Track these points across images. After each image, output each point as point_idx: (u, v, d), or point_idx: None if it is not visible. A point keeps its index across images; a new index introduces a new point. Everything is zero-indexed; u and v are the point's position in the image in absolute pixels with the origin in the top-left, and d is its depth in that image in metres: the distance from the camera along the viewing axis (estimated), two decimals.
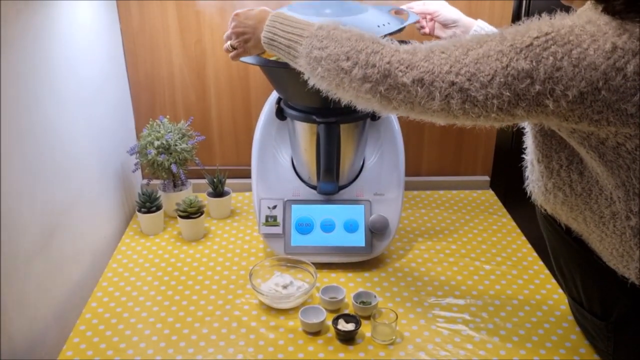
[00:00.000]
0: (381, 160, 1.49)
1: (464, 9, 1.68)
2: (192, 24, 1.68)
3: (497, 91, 0.85)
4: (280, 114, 1.41)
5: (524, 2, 1.69)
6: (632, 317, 1.01)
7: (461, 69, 0.87)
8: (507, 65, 0.84)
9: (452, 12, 1.39)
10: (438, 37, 1.42)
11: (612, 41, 0.80)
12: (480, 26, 1.36)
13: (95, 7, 1.50)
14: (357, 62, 0.94)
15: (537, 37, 0.83)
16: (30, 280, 1.13)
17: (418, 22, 1.41)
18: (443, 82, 0.88)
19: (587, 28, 0.82)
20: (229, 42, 1.20)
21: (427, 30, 1.43)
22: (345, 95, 0.99)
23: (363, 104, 0.99)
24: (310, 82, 1.03)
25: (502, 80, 0.84)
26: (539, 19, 0.87)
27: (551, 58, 0.82)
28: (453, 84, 0.87)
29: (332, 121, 1.30)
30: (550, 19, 0.86)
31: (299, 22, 1.04)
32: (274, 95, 1.50)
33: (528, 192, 1.09)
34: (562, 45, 0.82)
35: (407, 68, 0.90)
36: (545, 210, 1.06)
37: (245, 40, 1.16)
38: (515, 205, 1.76)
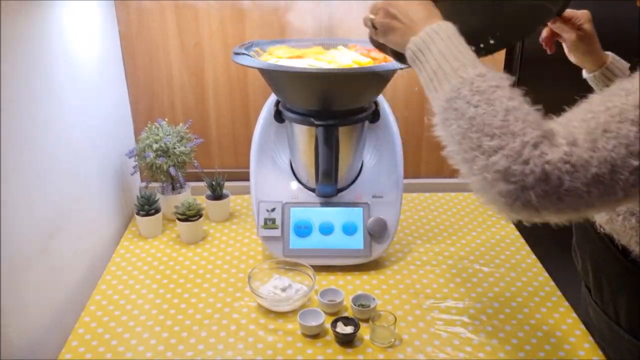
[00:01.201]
0: (380, 163, 1.49)
1: None
2: (190, 26, 1.68)
3: None
4: (278, 116, 1.41)
5: None
6: None
7: None
8: None
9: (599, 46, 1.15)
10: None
11: None
12: (615, 57, 1.16)
13: (93, 10, 1.50)
14: (503, 147, 0.71)
15: None
16: (29, 284, 1.13)
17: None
18: (625, 170, 0.68)
19: None
20: (371, 16, 0.95)
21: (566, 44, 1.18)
22: (463, 168, 0.78)
23: (482, 195, 0.76)
24: (436, 125, 0.82)
25: None
26: None
27: None
28: (637, 168, 0.68)
29: (331, 124, 1.30)
30: None
31: (463, 50, 0.82)
32: (273, 98, 1.50)
33: None
34: None
35: (575, 168, 0.68)
36: (602, 229, 1.01)
37: (390, 28, 0.91)
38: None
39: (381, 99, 1.50)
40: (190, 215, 1.54)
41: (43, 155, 1.19)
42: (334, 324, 1.20)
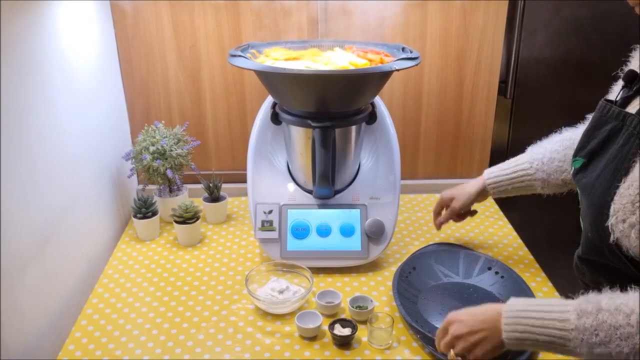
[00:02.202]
0: (377, 164, 1.49)
1: (459, 11, 1.69)
2: (186, 28, 1.68)
3: None
4: (275, 118, 1.41)
5: (519, 3, 1.70)
6: None
7: None
8: None
9: (463, 199, 1.42)
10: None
11: None
12: (486, 172, 1.39)
13: (89, 13, 1.49)
14: None
15: None
16: (25, 287, 1.12)
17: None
18: None
19: None
20: (452, 353, 1.00)
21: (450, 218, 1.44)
22: None
23: None
24: None
25: None
26: None
27: None
28: None
29: (327, 125, 1.30)
30: None
31: (543, 306, 0.90)
32: (269, 99, 1.50)
33: (610, 227, 0.93)
34: None
35: None
36: (628, 252, 0.95)
37: (480, 350, 0.95)
38: (511, 208, 1.76)
39: (378, 100, 1.50)
40: (188, 217, 1.54)
41: (39, 158, 1.19)
42: (331, 326, 1.20)
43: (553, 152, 1.27)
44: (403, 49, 1.42)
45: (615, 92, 1.04)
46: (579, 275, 1.14)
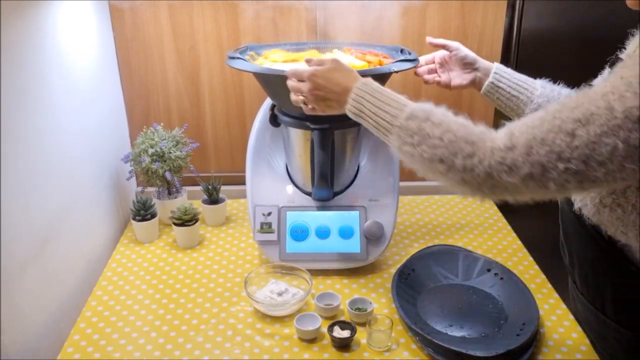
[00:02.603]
0: (375, 166, 1.48)
1: (457, 11, 1.69)
2: (185, 30, 1.68)
3: (618, 166, 0.78)
4: (274, 120, 1.41)
5: (517, 4, 1.70)
6: None
7: (573, 154, 0.80)
8: (626, 139, 0.77)
9: (470, 51, 1.33)
10: (454, 88, 1.34)
11: None
12: (499, 67, 1.29)
13: (87, 15, 1.49)
14: (452, 166, 0.89)
15: None
16: (23, 289, 1.12)
17: (418, 67, 1.37)
18: (555, 171, 0.81)
19: None
20: (303, 100, 1.12)
21: (440, 79, 1.35)
22: (430, 178, 0.96)
23: (461, 194, 0.95)
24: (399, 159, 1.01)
25: (622, 154, 0.77)
26: (633, 65, 0.80)
27: None
28: (567, 170, 0.81)
29: (326, 127, 1.30)
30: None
31: (389, 100, 0.99)
32: (268, 101, 1.50)
33: (574, 203, 1.07)
34: None
35: (510, 168, 0.84)
36: (590, 220, 1.04)
37: (327, 106, 1.09)
38: (510, 209, 1.76)
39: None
40: (187, 219, 1.54)
41: (38, 160, 1.19)
42: (330, 328, 1.20)
43: (563, 97, 1.26)
44: (402, 50, 1.42)
45: (603, 77, 1.07)
46: (564, 258, 1.20)
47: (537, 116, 0.86)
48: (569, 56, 1.76)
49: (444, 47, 1.34)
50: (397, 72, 1.26)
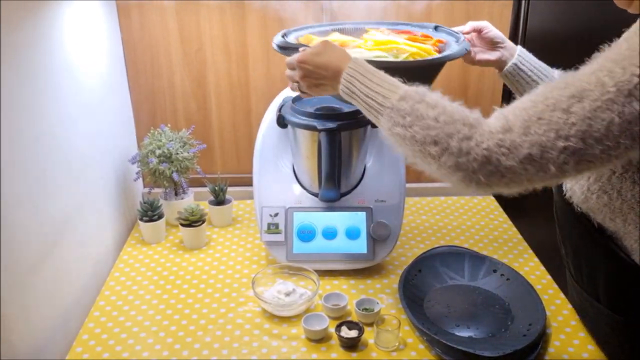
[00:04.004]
0: (382, 167, 1.49)
1: (463, 10, 1.70)
2: (192, 32, 1.69)
3: (614, 142, 0.78)
4: (281, 121, 1.41)
5: (522, 4, 1.70)
6: None
7: (570, 131, 0.79)
8: (620, 113, 0.77)
9: (498, 30, 1.30)
10: (478, 63, 1.31)
11: None
12: (522, 50, 1.28)
13: (95, 17, 1.50)
14: (446, 148, 0.85)
15: None
16: (32, 290, 1.13)
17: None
18: (554, 150, 0.80)
19: None
20: (296, 86, 1.10)
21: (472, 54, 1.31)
22: (421, 167, 0.92)
23: (452, 183, 0.89)
24: (388, 143, 0.97)
25: (617, 129, 0.77)
26: (619, 45, 0.82)
27: None
28: (565, 149, 0.80)
29: (334, 128, 1.30)
30: (628, 45, 0.80)
31: (381, 81, 0.96)
32: (275, 102, 1.51)
33: (565, 190, 1.08)
34: None
35: (509, 150, 0.82)
36: (579, 208, 1.06)
37: (322, 90, 1.07)
38: (516, 210, 1.76)
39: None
40: (193, 220, 1.55)
41: (46, 162, 1.20)
42: (338, 328, 1.21)
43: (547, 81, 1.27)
44: (436, 27, 1.36)
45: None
46: (560, 249, 1.22)
47: (526, 99, 0.85)
48: (574, 56, 1.75)
49: (477, 31, 1.30)
50: (463, 55, 1.21)
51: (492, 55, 1.29)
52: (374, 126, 1.42)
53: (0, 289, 1.01)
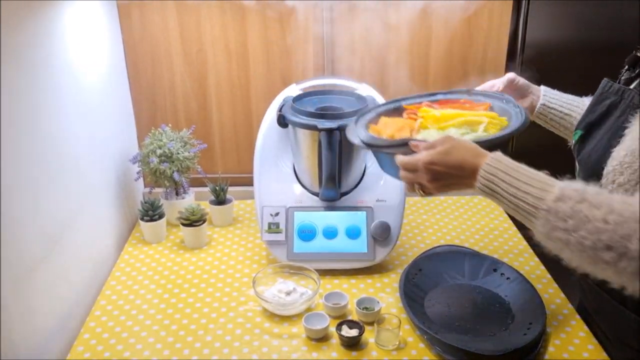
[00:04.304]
0: None
1: (464, 15, 1.70)
2: (193, 33, 1.69)
3: None
4: (281, 121, 1.42)
5: (522, 7, 1.71)
6: None
7: None
8: None
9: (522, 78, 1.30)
10: None
11: None
12: (546, 89, 1.29)
13: (96, 17, 1.51)
14: (624, 253, 0.76)
15: None
16: (33, 290, 1.13)
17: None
18: None
19: None
20: (418, 188, 1.00)
21: None
22: (605, 277, 0.82)
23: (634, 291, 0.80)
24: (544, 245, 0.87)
25: None
26: None
27: None
28: None
29: (334, 128, 1.31)
30: None
31: (529, 178, 0.86)
32: (275, 103, 1.51)
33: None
34: None
35: None
36: None
37: (450, 189, 0.97)
38: None
39: (382, 102, 1.49)
40: (194, 220, 1.55)
41: (46, 162, 1.20)
42: (338, 327, 1.21)
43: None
44: (468, 91, 1.27)
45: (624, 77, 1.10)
46: None
47: None
48: (575, 60, 1.77)
49: (510, 84, 1.28)
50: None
51: (525, 102, 1.28)
52: None
53: (1, 288, 1.01)
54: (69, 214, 1.29)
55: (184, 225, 1.55)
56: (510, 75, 1.29)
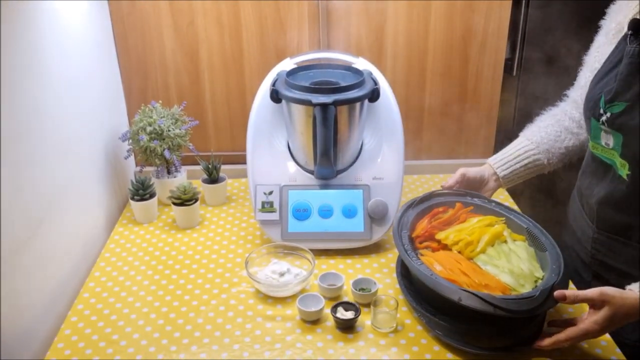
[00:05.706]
0: (380, 143, 1.45)
1: (462, 10, 1.65)
2: (183, 5, 1.63)
3: None
4: (275, 96, 1.37)
5: (522, 1, 1.66)
6: None
7: None
8: None
9: (471, 169, 1.38)
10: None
11: None
12: (491, 160, 1.39)
13: None
14: None
15: None
16: (19, 271, 1.09)
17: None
18: None
19: None
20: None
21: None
22: None
23: None
24: None
25: None
26: None
27: None
28: None
29: (329, 102, 1.26)
30: None
31: None
32: (269, 78, 1.46)
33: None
34: None
35: None
36: None
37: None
38: (516, 186, 1.72)
39: (381, 78, 1.44)
40: (186, 199, 1.51)
41: (32, 139, 1.15)
42: (334, 309, 1.18)
43: (547, 127, 1.34)
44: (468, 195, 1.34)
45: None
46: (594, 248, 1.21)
47: None
48: (574, 55, 1.72)
49: (462, 180, 1.36)
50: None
51: (489, 186, 1.38)
52: (371, 100, 1.38)
53: None
54: (55, 194, 1.25)
55: (175, 204, 1.51)
56: (461, 170, 1.36)
